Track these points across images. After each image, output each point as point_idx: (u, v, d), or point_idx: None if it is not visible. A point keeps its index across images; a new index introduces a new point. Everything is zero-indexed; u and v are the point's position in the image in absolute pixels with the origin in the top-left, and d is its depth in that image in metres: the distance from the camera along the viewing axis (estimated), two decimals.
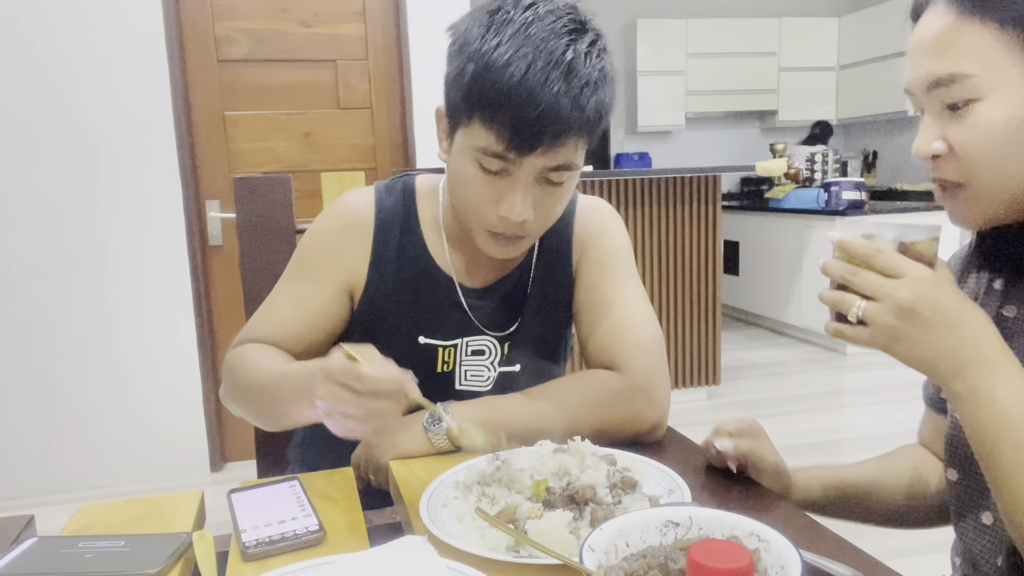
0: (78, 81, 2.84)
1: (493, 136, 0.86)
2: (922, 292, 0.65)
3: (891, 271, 0.66)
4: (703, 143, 6.94)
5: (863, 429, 3.57)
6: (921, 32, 0.73)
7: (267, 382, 0.92)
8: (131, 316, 2.99)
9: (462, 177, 0.93)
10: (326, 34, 3.13)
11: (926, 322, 0.65)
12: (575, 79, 0.85)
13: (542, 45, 0.84)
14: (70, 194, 2.88)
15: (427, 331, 1.05)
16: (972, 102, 0.70)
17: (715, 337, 3.93)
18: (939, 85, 0.71)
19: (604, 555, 0.53)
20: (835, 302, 0.69)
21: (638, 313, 1.04)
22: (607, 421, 0.95)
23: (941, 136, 0.72)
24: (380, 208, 1.06)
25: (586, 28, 0.89)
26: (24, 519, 0.79)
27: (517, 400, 0.96)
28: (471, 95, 0.87)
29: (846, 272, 0.68)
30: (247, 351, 1.00)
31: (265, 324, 1.03)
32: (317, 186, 1.49)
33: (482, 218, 0.94)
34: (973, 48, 0.69)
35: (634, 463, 0.79)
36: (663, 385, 1.00)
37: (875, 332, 0.67)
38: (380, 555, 0.60)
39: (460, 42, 0.90)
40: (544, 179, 0.91)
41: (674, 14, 6.50)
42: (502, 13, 0.87)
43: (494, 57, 0.84)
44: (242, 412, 1.01)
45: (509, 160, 0.88)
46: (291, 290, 1.04)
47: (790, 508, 0.77)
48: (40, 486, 2.96)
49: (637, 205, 3.73)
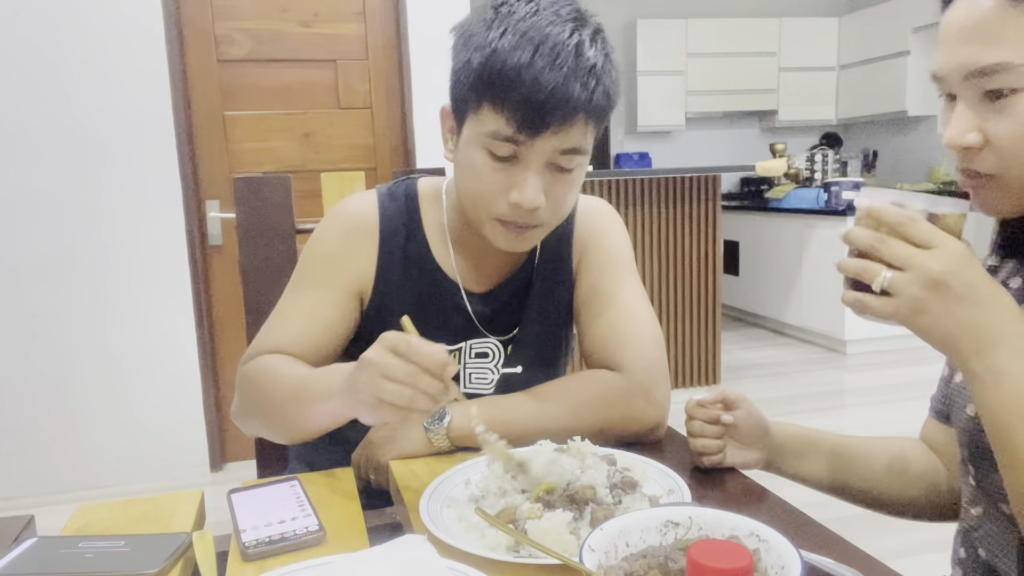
0: (78, 81, 2.84)
1: (503, 119, 0.87)
2: (954, 265, 0.63)
3: (923, 241, 0.64)
4: (703, 143, 6.94)
5: (863, 429, 3.57)
6: (960, 16, 0.69)
7: (294, 384, 0.91)
8: (131, 316, 2.99)
9: (471, 167, 0.93)
10: (326, 34, 3.13)
11: (955, 296, 0.63)
12: (583, 60, 0.87)
13: (548, 29, 0.86)
14: (70, 194, 2.88)
15: (433, 337, 1.04)
16: (1016, 92, 0.67)
17: (715, 337, 3.93)
18: (983, 74, 0.67)
19: (604, 555, 0.53)
20: (859, 270, 0.66)
21: (638, 312, 1.04)
22: (608, 421, 0.95)
23: (978, 127, 0.70)
24: (384, 215, 1.05)
25: (588, 20, 0.91)
26: (24, 519, 0.79)
27: (518, 400, 0.96)
28: (480, 82, 0.87)
29: (874, 240, 0.65)
30: (266, 361, 0.97)
31: (278, 336, 1.00)
32: (317, 186, 1.50)
33: (493, 207, 0.93)
34: (1022, 37, 0.66)
35: (634, 463, 0.79)
36: (663, 384, 1.00)
37: (900, 303, 0.64)
38: (380, 555, 0.60)
39: (464, 36, 0.91)
40: (554, 165, 0.91)
41: (674, 14, 6.50)
42: (505, 7, 0.89)
43: (501, 44, 0.86)
44: (260, 425, 0.99)
45: (520, 143, 0.88)
46: (300, 299, 1.02)
47: (790, 508, 0.77)
48: (40, 486, 2.96)
49: (637, 205, 3.73)
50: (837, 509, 1.00)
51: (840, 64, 6.72)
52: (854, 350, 4.78)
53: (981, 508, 0.81)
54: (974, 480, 0.81)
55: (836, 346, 4.91)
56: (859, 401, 4.05)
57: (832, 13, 6.78)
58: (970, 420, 0.80)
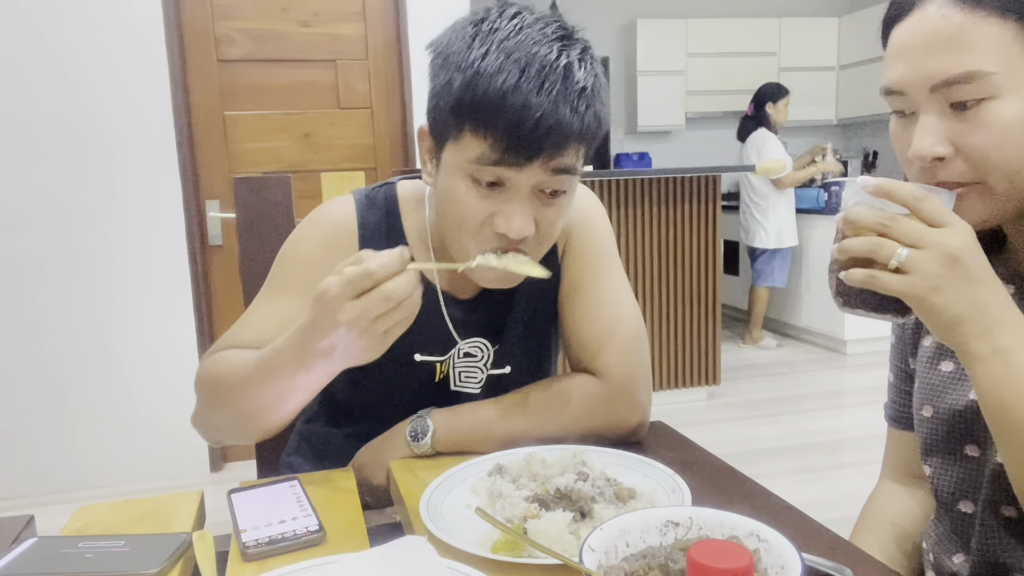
0: (78, 81, 2.84)
1: (487, 145, 0.81)
2: (970, 243, 0.63)
3: (935, 219, 0.63)
4: (703, 143, 6.93)
5: (863, 429, 3.57)
6: (924, 28, 0.69)
7: (256, 364, 0.84)
8: (131, 316, 2.99)
9: (453, 196, 0.87)
10: (326, 34, 3.13)
11: (969, 274, 0.62)
12: (572, 83, 0.81)
13: (534, 50, 0.80)
14: (69, 194, 2.88)
15: (421, 347, 1.02)
16: (985, 101, 0.67)
17: (715, 337, 3.93)
18: (950, 84, 0.67)
19: (604, 555, 0.53)
20: (873, 247, 0.64)
21: (619, 309, 1.02)
22: (588, 427, 0.95)
23: (946, 138, 0.70)
24: (363, 223, 1.01)
25: (575, 37, 0.86)
26: (24, 519, 0.79)
27: (494, 408, 0.95)
28: (461, 106, 0.82)
29: (885, 219, 0.64)
30: (221, 354, 0.93)
31: (245, 337, 0.96)
32: (317, 186, 1.49)
33: (478, 240, 0.87)
34: (992, 45, 0.66)
35: (633, 463, 0.79)
36: (644, 386, 0.99)
37: (916, 280, 0.62)
38: (380, 555, 0.60)
39: (443, 55, 0.85)
40: (542, 191, 0.86)
41: (674, 14, 6.50)
42: (487, 24, 0.84)
43: (484, 64, 0.80)
44: (221, 421, 0.94)
45: (506, 170, 0.83)
46: (272, 303, 0.98)
47: (790, 508, 0.77)
48: (40, 486, 2.96)
49: (637, 205, 3.73)
50: (837, 509, 1.00)
51: (840, 64, 6.72)
52: (854, 350, 4.78)
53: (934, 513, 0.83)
54: (931, 482, 0.82)
55: (836, 346, 4.91)
56: (859, 401, 4.05)
57: (832, 13, 6.78)
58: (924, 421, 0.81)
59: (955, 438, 0.79)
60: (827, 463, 3.16)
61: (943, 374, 0.82)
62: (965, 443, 0.78)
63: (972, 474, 0.78)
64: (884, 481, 0.98)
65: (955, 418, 0.79)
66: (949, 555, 0.82)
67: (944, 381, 0.81)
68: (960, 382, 0.80)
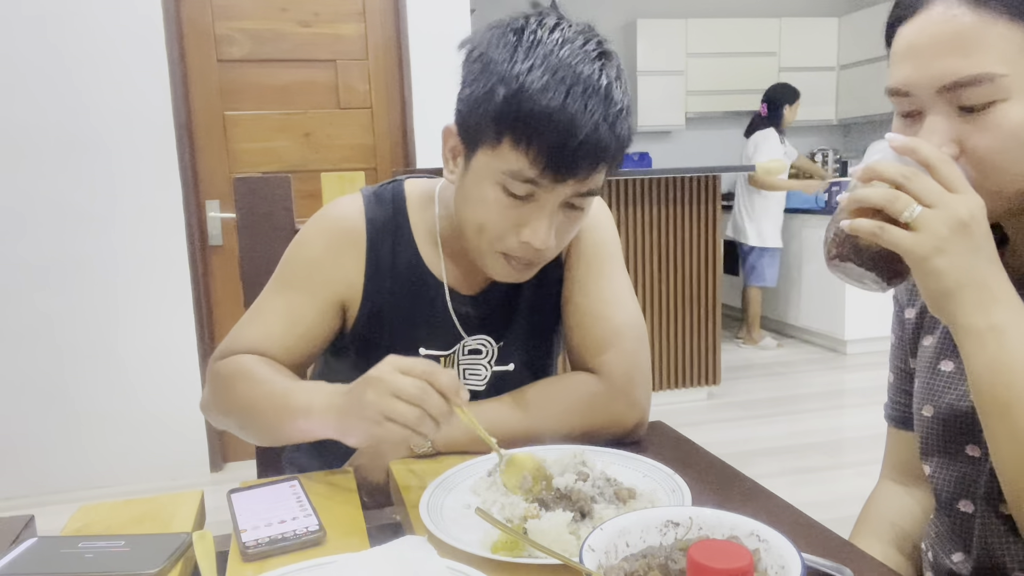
0: (78, 81, 2.84)
1: (527, 161, 0.84)
2: (979, 213, 0.63)
3: (951, 184, 0.64)
4: (703, 143, 6.93)
5: (863, 429, 3.57)
6: (930, 28, 0.68)
7: (272, 392, 0.89)
8: (131, 316, 2.99)
9: (481, 201, 0.89)
10: (326, 34, 3.13)
11: (974, 243, 0.63)
12: (612, 106, 0.84)
13: (578, 69, 0.82)
14: (70, 194, 2.88)
15: (426, 342, 1.04)
16: (994, 103, 0.66)
17: (715, 337, 3.93)
18: (960, 86, 0.67)
19: (604, 555, 0.53)
20: (889, 199, 0.64)
21: (621, 311, 1.03)
22: (587, 426, 0.95)
23: (952, 139, 0.69)
24: (371, 220, 1.02)
25: (611, 54, 0.88)
26: (24, 519, 0.79)
27: (494, 407, 0.96)
28: (503, 118, 0.83)
29: (906, 172, 0.64)
30: (242, 361, 0.96)
31: (253, 335, 0.99)
32: (317, 186, 1.49)
33: (501, 243, 0.91)
34: (1002, 47, 0.65)
35: (633, 463, 0.79)
36: (643, 385, 0.99)
37: (923, 238, 0.63)
38: (380, 555, 0.60)
39: (483, 61, 0.86)
40: (568, 204, 0.89)
41: (674, 14, 6.50)
42: (528, 33, 0.85)
43: (529, 80, 0.82)
44: (230, 423, 0.97)
45: (540, 186, 0.85)
46: (280, 301, 1.00)
47: (790, 508, 0.77)
48: (40, 486, 2.96)
49: (637, 205, 3.73)
50: (837, 509, 1.00)
51: (840, 64, 6.72)
52: (854, 350, 4.78)
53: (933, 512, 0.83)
54: (931, 482, 0.82)
55: (836, 346, 4.91)
56: (859, 401, 4.05)
57: (832, 13, 6.78)
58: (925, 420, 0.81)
59: (955, 438, 0.79)
60: (827, 463, 3.16)
61: (943, 374, 0.82)
62: (965, 443, 0.79)
63: (972, 474, 0.78)
64: (884, 481, 0.98)
65: (955, 418, 0.79)
66: (948, 554, 0.82)
67: (944, 381, 0.81)
68: (960, 382, 0.80)
